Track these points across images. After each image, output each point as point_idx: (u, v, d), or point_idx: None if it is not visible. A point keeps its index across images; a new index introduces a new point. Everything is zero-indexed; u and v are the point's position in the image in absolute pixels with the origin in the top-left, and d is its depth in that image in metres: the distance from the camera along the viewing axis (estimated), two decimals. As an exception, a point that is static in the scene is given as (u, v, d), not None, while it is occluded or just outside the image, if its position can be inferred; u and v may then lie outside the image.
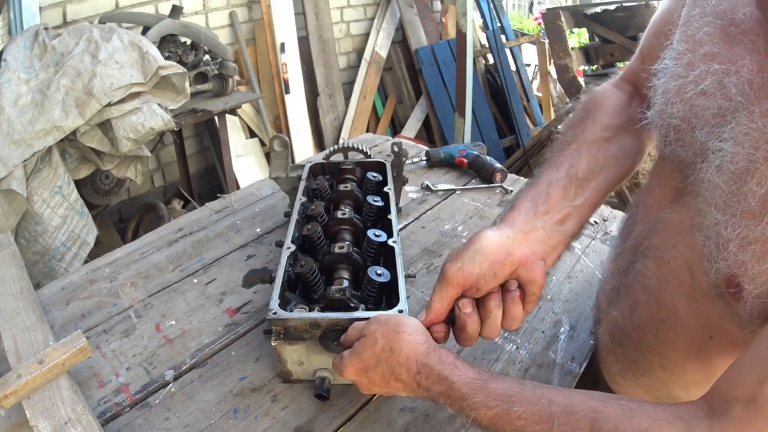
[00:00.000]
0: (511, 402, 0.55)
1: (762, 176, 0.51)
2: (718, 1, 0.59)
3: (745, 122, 0.53)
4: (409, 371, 0.61)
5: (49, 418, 0.68)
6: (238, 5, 3.16)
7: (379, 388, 0.66)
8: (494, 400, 0.56)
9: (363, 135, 1.78)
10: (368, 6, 3.90)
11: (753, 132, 0.52)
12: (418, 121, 4.00)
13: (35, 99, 1.81)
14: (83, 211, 2.00)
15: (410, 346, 0.62)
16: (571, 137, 0.76)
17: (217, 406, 0.76)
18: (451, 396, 0.58)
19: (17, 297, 0.91)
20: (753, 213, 0.52)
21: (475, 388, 0.57)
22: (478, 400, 0.56)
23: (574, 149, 0.74)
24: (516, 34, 4.40)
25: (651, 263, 0.68)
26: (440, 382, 0.59)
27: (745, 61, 0.54)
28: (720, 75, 0.56)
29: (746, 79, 0.54)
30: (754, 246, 0.52)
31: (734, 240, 0.53)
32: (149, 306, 0.95)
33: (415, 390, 0.62)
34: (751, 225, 0.52)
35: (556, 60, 3.57)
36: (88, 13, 2.52)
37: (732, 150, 0.54)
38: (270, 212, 1.24)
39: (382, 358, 0.62)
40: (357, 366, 0.65)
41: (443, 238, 1.15)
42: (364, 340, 0.65)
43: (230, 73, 2.42)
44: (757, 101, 0.53)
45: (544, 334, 0.90)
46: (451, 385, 0.58)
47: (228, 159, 2.57)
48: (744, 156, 0.53)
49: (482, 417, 0.56)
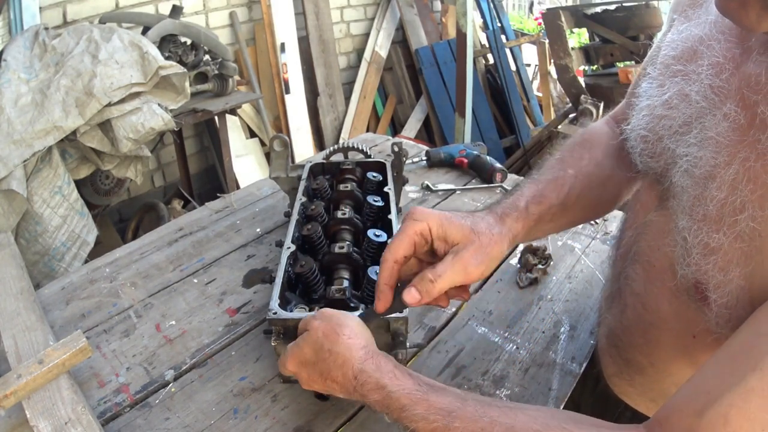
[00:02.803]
0: (451, 417, 0.53)
1: (722, 180, 0.51)
2: (691, 26, 0.61)
3: (710, 126, 0.54)
4: (345, 375, 0.59)
5: (49, 418, 0.68)
6: (238, 5, 3.16)
7: (317, 386, 0.64)
8: (434, 414, 0.53)
9: (363, 135, 1.78)
10: (368, 6, 3.90)
11: (716, 136, 0.53)
12: (418, 121, 4.00)
13: (35, 99, 1.81)
14: (83, 211, 2.00)
15: (348, 349, 0.60)
16: (570, 164, 0.76)
17: (217, 406, 0.76)
18: (390, 406, 0.56)
19: (17, 297, 0.91)
20: (712, 219, 0.52)
21: (415, 400, 0.55)
22: (417, 412, 0.54)
23: (572, 175, 0.74)
24: (516, 34, 4.40)
25: (639, 267, 0.68)
26: (377, 391, 0.57)
27: (704, 68, 0.56)
28: (682, 86, 0.58)
29: (707, 84, 0.55)
30: (715, 256, 0.52)
31: (697, 247, 0.54)
32: (149, 306, 0.95)
33: (351, 394, 0.60)
34: (711, 232, 0.52)
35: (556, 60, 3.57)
36: (88, 13, 2.52)
37: (697, 154, 0.54)
38: (270, 212, 1.24)
39: (320, 357, 0.61)
40: (297, 359, 0.63)
41: (443, 238, 1.15)
42: (306, 334, 0.64)
43: (230, 73, 2.42)
44: (721, 103, 0.53)
45: (544, 334, 0.90)
46: (389, 395, 0.56)
47: (228, 159, 2.57)
48: (707, 160, 0.53)
49: (421, 430, 0.54)
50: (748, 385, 0.44)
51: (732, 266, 0.51)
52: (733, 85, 0.53)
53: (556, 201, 0.71)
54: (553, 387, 0.80)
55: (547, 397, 0.78)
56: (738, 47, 0.54)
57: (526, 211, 0.68)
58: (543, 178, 0.74)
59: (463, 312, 0.95)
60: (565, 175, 0.73)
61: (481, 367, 0.83)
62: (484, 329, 0.91)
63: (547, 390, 0.80)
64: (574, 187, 0.72)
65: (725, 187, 0.51)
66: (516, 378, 0.81)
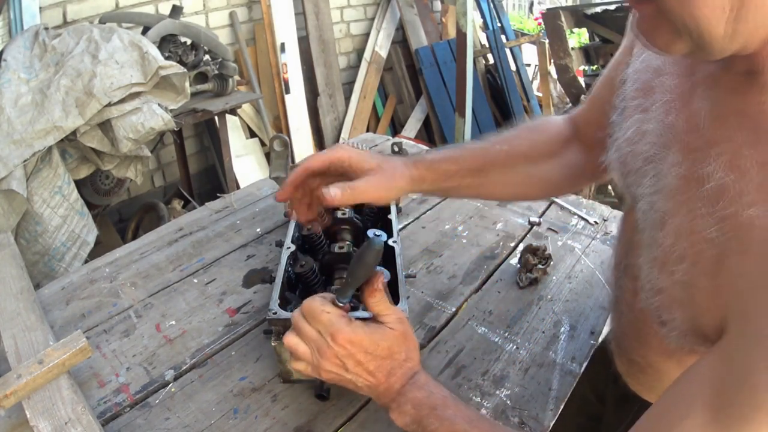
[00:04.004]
0: (471, 425, 0.58)
1: (669, 229, 0.52)
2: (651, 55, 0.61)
3: (662, 171, 0.54)
4: (403, 376, 0.63)
5: (49, 418, 0.68)
6: (238, 5, 3.16)
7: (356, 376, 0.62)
8: (460, 418, 0.59)
9: (363, 135, 1.78)
10: (368, 6, 3.90)
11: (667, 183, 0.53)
12: (418, 121, 4.00)
13: (35, 99, 1.81)
14: (83, 211, 2.00)
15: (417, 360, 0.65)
16: (506, 140, 0.82)
17: (217, 406, 0.76)
18: (422, 404, 0.60)
19: (17, 297, 0.91)
20: (660, 262, 0.53)
21: (447, 404, 0.60)
22: (448, 413, 0.59)
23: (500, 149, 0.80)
24: (516, 34, 4.40)
25: (628, 280, 0.71)
26: (421, 390, 0.62)
27: (657, 104, 0.56)
28: (641, 123, 0.59)
29: (660, 123, 0.55)
30: (661, 296, 0.54)
31: (647, 284, 0.56)
32: (149, 306, 0.95)
33: (381, 394, 0.63)
34: (658, 274, 0.54)
35: (556, 60, 3.58)
36: (88, 13, 2.52)
37: (652, 198, 0.56)
38: (270, 212, 1.24)
39: (392, 354, 0.62)
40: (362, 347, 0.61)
41: (443, 238, 1.15)
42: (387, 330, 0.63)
43: (230, 73, 2.42)
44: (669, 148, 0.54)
45: (544, 334, 0.90)
46: (429, 395, 0.61)
47: (228, 159, 2.57)
48: (660, 206, 0.54)
49: (443, 429, 0.58)
50: None
51: (674, 308, 0.53)
52: (679, 128, 0.53)
53: (472, 166, 0.78)
54: (553, 387, 0.80)
55: (547, 397, 0.79)
56: (687, 81, 0.54)
57: (436, 165, 0.76)
58: (471, 145, 0.81)
59: (463, 312, 0.95)
60: (493, 147, 0.80)
61: (481, 367, 0.83)
62: (484, 329, 0.91)
63: (547, 390, 0.80)
64: (498, 159, 0.79)
65: (671, 236, 0.51)
66: (516, 378, 0.81)
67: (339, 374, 0.62)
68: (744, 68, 0.46)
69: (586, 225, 1.19)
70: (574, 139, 0.84)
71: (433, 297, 0.98)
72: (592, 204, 1.28)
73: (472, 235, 1.16)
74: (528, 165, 0.81)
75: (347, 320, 0.61)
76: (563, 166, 0.83)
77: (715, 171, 0.46)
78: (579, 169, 0.83)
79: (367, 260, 0.60)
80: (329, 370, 0.62)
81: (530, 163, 0.81)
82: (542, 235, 1.16)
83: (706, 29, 0.41)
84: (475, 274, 1.04)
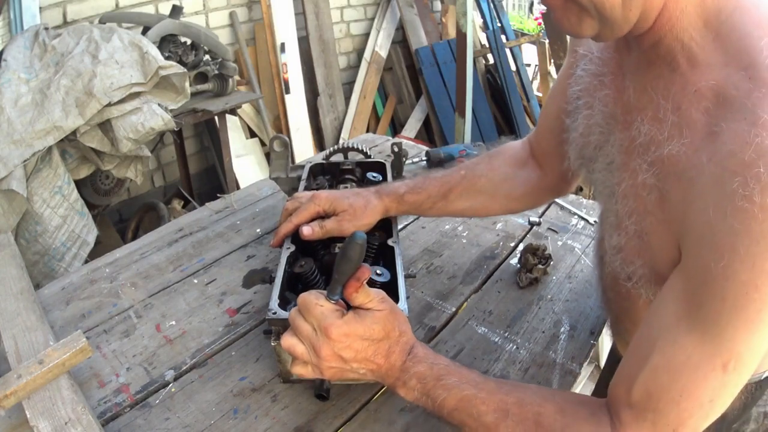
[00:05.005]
0: (478, 388, 0.61)
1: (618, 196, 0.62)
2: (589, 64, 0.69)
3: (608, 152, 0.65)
4: (402, 352, 0.65)
5: (50, 418, 0.68)
6: (238, 5, 3.16)
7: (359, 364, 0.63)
8: (465, 383, 0.62)
9: (363, 135, 1.78)
10: (368, 6, 3.90)
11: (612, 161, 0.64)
12: (418, 121, 4.00)
13: (35, 99, 1.81)
14: (83, 211, 2.00)
15: (410, 333, 0.67)
16: (467, 166, 0.95)
17: (217, 406, 0.76)
18: (427, 377, 0.62)
19: (17, 297, 0.91)
20: (614, 225, 0.64)
21: (451, 371, 0.63)
22: (453, 381, 0.62)
23: (462, 175, 0.93)
24: (516, 34, 4.40)
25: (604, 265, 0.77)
26: (422, 363, 0.64)
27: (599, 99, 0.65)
28: (588, 118, 0.68)
29: (603, 114, 0.65)
30: (622, 253, 0.63)
31: (611, 251, 0.66)
32: (149, 306, 0.95)
33: (385, 374, 0.64)
34: (615, 235, 0.64)
35: (556, 60, 3.58)
36: (88, 13, 2.52)
37: (602, 178, 0.67)
38: (270, 212, 1.24)
39: (389, 335, 0.64)
40: (360, 332, 0.62)
41: (443, 238, 1.15)
42: (374, 313, 0.64)
43: (230, 73, 2.42)
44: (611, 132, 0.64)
45: (544, 334, 0.90)
46: (431, 367, 0.63)
47: (228, 159, 2.56)
48: (608, 181, 0.65)
49: (452, 398, 0.61)
50: (652, 364, 0.53)
51: (635, 258, 0.61)
52: (617, 113, 0.62)
53: (436, 193, 0.92)
54: (553, 387, 0.80)
55: (547, 397, 0.79)
56: (619, 73, 0.63)
57: (402, 197, 0.91)
58: (435, 174, 0.95)
59: (463, 312, 0.95)
60: (455, 174, 0.93)
61: (481, 367, 0.83)
62: (484, 329, 0.91)
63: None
64: (459, 185, 0.92)
65: (620, 200, 0.61)
66: (516, 378, 0.81)
67: (340, 367, 0.64)
68: (649, 42, 0.55)
69: (586, 225, 1.19)
70: (530, 158, 0.95)
71: (433, 297, 0.98)
72: (592, 204, 1.28)
73: (472, 235, 1.16)
74: (488, 185, 0.92)
75: (339, 314, 0.64)
76: (521, 184, 0.93)
77: (642, 127, 0.57)
78: (536, 185, 0.93)
79: (350, 255, 0.61)
80: (330, 366, 0.64)
81: (490, 183, 0.93)
82: (542, 235, 1.16)
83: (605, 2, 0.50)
84: (475, 274, 1.04)
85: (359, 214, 0.88)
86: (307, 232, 0.86)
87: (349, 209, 0.88)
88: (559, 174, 0.89)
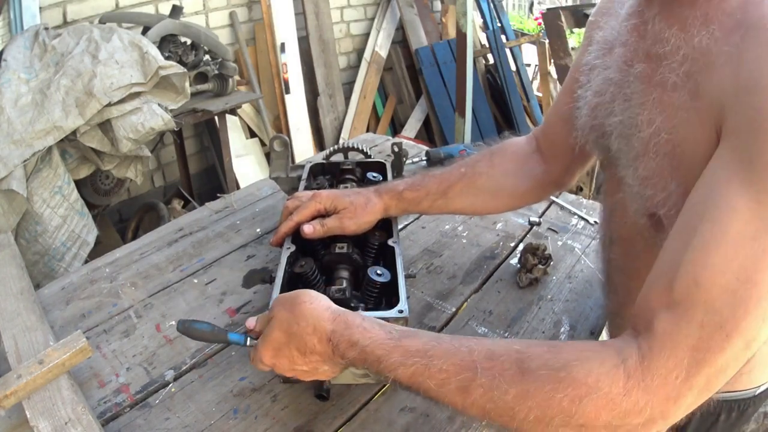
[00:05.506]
0: (429, 357, 0.54)
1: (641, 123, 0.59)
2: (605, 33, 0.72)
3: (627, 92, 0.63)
4: (321, 340, 0.60)
5: (50, 418, 0.68)
6: (238, 5, 3.16)
7: (301, 367, 0.63)
8: (411, 357, 0.54)
9: (363, 135, 1.78)
10: (368, 6, 3.90)
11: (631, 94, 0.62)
12: (418, 121, 4.00)
13: (35, 99, 1.81)
14: (83, 211, 2.00)
15: (314, 314, 0.61)
16: (467, 163, 0.93)
17: (217, 406, 0.76)
18: (367, 360, 0.57)
19: (17, 297, 0.91)
20: (641, 153, 0.60)
21: (389, 349, 0.56)
22: (394, 360, 0.55)
23: (461, 172, 0.92)
24: (516, 34, 4.39)
25: (617, 247, 0.79)
26: (352, 348, 0.58)
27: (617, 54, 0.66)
28: (605, 74, 0.68)
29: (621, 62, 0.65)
30: (654, 179, 0.59)
31: (638, 179, 0.62)
32: (149, 306, 0.95)
33: (332, 358, 0.60)
34: (643, 163, 0.60)
35: (556, 60, 3.57)
36: (88, 13, 2.52)
37: (622, 117, 0.64)
38: (270, 212, 1.24)
39: (291, 332, 0.61)
40: (270, 349, 0.63)
41: (443, 238, 1.15)
42: (271, 322, 0.64)
43: (230, 73, 2.42)
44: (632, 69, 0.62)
45: (544, 334, 0.90)
46: (364, 350, 0.57)
47: (228, 159, 2.56)
48: (629, 116, 0.62)
49: (401, 376, 0.54)
50: (703, 239, 0.45)
51: (667, 182, 0.57)
52: (641, 47, 0.62)
53: (435, 190, 0.90)
54: (553, 387, 0.80)
55: (547, 397, 0.78)
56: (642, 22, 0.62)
57: (401, 193, 0.90)
58: (434, 172, 0.93)
59: (463, 312, 0.95)
60: (454, 171, 0.92)
61: (481, 367, 0.83)
62: (484, 329, 0.91)
63: (547, 390, 0.80)
64: (459, 182, 0.90)
65: (644, 125, 0.59)
66: (516, 378, 0.81)
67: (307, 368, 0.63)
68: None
69: (586, 225, 1.19)
70: (535, 153, 0.94)
71: (433, 297, 0.98)
72: (592, 204, 1.28)
73: (472, 235, 1.16)
74: (489, 183, 0.91)
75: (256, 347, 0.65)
76: (525, 179, 0.92)
77: (669, 39, 0.56)
78: (541, 179, 0.92)
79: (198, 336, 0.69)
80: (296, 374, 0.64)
81: (491, 181, 0.91)
82: (542, 235, 1.16)
83: None
84: (475, 274, 1.04)
85: (360, 212, 0.88)
86: (308, 230, 0.85)
87: (350, 207, 0.87)
88: (563, 167, 0.89)
